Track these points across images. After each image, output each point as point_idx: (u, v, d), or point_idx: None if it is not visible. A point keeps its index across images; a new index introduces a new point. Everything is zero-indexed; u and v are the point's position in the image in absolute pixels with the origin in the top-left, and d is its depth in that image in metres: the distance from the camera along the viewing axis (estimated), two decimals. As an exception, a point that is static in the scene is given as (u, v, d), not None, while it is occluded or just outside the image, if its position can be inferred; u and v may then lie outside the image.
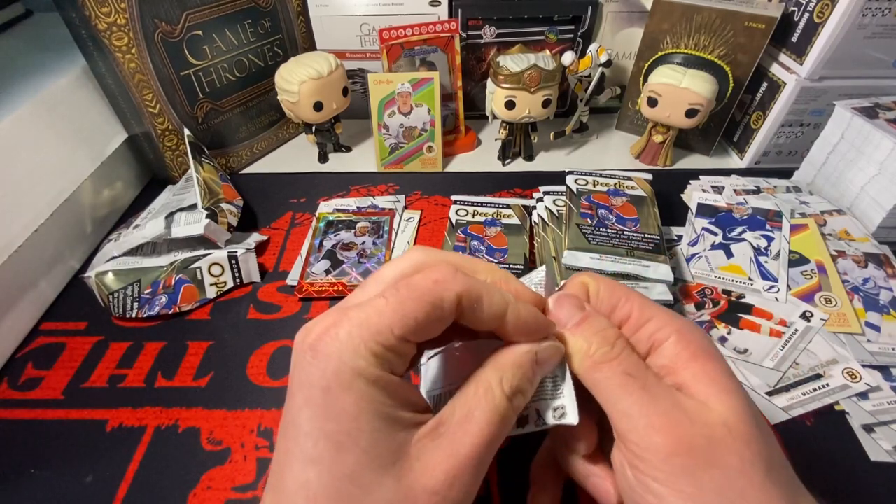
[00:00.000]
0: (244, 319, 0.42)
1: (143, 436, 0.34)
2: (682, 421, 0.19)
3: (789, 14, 0.51)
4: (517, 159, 0.60)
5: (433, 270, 0.20)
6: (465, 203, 0.51)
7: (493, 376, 0.21)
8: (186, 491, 0.31)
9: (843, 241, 0.45)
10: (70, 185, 0.46)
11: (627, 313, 0.23)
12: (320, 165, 0.60)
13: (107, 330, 0.41)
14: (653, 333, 0.22)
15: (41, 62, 0.49)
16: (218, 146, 0.56)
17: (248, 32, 0.54)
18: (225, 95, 0.55)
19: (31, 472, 0.32)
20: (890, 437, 0.32)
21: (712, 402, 0.19)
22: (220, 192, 0.48)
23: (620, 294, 0.24)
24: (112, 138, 0.51)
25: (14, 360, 0.39)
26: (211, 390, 0.36)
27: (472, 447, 0.19)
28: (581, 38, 0.60)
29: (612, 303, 0.24)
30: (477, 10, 0.58)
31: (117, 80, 0.46)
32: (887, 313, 0.39)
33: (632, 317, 0.23)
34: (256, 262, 0.44)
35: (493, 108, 0.55)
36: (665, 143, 0.56)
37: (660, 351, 0.22)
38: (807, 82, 0.50)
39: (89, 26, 0.43)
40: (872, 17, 0.45)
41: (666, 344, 0.21)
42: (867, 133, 0.46)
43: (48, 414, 0.35)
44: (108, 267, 0.42)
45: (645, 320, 0.22)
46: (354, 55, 0.61)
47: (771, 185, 0.52)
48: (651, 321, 0.22)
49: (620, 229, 0.43)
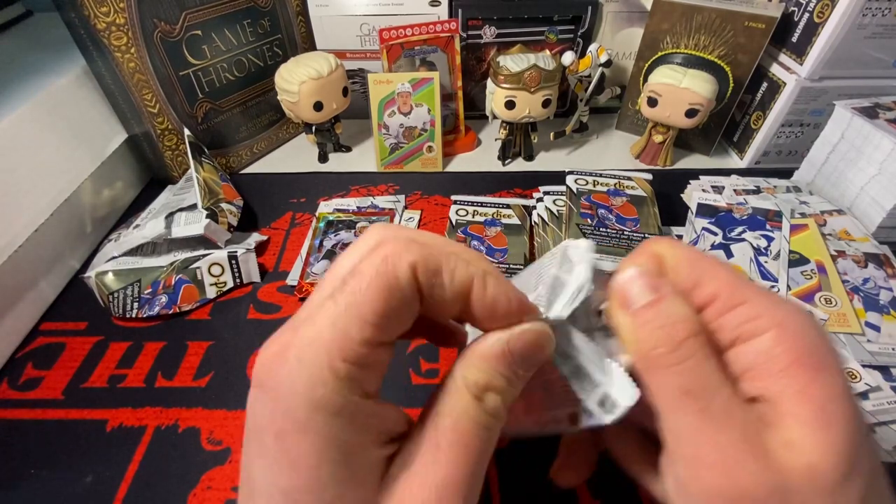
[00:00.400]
0: (244, 319, 0.42)
1: (143, 436, 0.34)
2: (744, 462, 0.15)
3: (789, 14, 0.51)
4: (517, 159, 0.60)
5: (381, 247, 0.16)
6: (465, 203, 0.51)
7: (458, 373, 0.17)
8: (186, 491, 0.31)
9: (843, 241, 0.45)
10: (70, 185, 0.46)
11: (713, 293, 0.18)
12: (320, 165, 0.60)
13: (107, 330, 0.41)
14: (744, 322, 0.17)
15: (41, 62, 0.49)
16: (218, 146, 0.56)
17: (247, 32, 0.54)
18: (224, 95, 0.55)
19: (31, 472, 0.32)
20: (890, 437, 0.32)
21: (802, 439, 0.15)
22: (220, 192, 0.48)
23: (706, 267, 0.18)
24: (112, 138, 0.51)
25: (14, 360, 0.39)
26: (211, 390, 0.36)
27: (447, 476, 0.15)
28: (581, 38, 0.60)
29: (693, 278, 0.18)
30: (477, 10, 0.58)
31: (117, 79, 0.46)
32: (887, 313, 0.39)
33: (719, 298, 0.18)
34: (256, 262, 0.44)
35: (493, 108, 0.55)
36: (665, 143, 0.56)
37: (750, 345, 0.17)
38: (807, 82, 0.50)
39: (88, 26, 0.43)
40: (872, 17, 0.45)
41: (761, 339, 0.16)
42: (867, 133, 0.46)
43: (48, 414, 0.35)
44: (108, 267, 0.42)
45: (736, 303, 0.17)
46: (354, 55, 0.61)
47: (771, 185, 0.52)
48: (744, 305, 0.17)
49: (620, 229, 0.43)
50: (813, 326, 0.16)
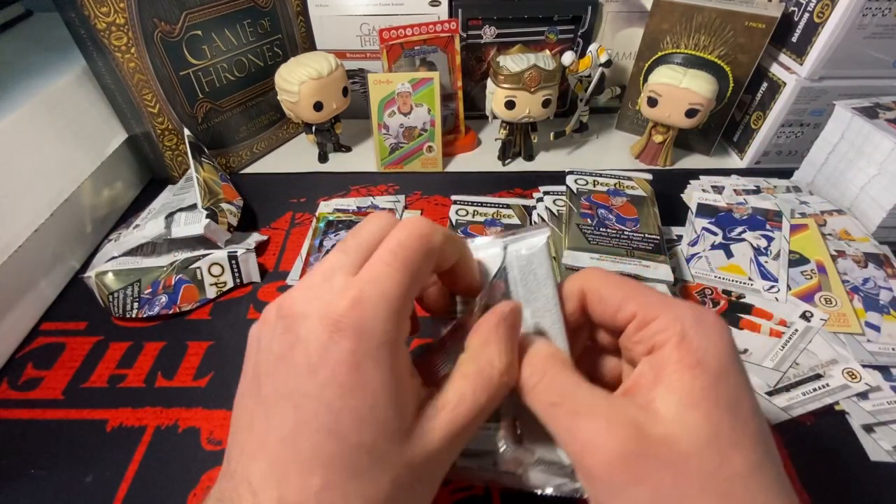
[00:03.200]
0: (244, 319, 0.42)
1: (143, 436, 0.34)
2: (615, 437, 0.18)
3: (789, 14, 0.51)
4: (517, 159, 0.60)
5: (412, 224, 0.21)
6: (465, 203, 0.51)
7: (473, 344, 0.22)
8: (186, 491, 0.31)
9: (843, 241, 0.45)
10: (70, 185, 0.46)
11: (633, 312, 0.21)
12: (320, 165, 0.60)
13: (107, 330, 0.41)
14: (655, 334, 0.20)
15: (41, 62, 0.49)
16: (218, 146, 0.56)
17: (247, 32, 0.54)
18: (224, 95, 0.55)
19: (31, 472, 0.32)
20: (890, 437, 0.32)
21: (667, 416, 0.18)
22: (220, 192, 0.48)
23: (626, 291, 0.22)
24: (112, 138, 0.51)
25: (14, 360, 0.39)
26: (211, 390, 0.36)
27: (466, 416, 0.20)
28: (581, 38, 0.60)
29: (616, 302, 0.22)
30: (477, 10, 0.58)
31: (117, 79, 0.46)
32: (887, 313, 0.39)
33: (636, 316, 0.21)
34: (256, 262, 0.44)
35: (493, 108, 0.55)
36: (665, 143, 0.56)
37: (657, 355, 0.20)
38: (807, 82, 0.50)
39: (88, 26, 0.43)
40: (872, 17, 0.45)
41: (665, 349, 0.19)
42: (867, 133, 0.46)
43: (48, 414, 0.35)
44: (108, 267, 0.42)
45: (650, 319, 0.20)
46: (354, 55, 0.61)
47: (771, 185, 0.52)
48: (656, 321, 0.20)
49: (620, 229, 0.43)
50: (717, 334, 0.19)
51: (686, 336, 0.19)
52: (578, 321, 0.24)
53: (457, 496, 0.30)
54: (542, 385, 0.20)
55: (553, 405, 0.20)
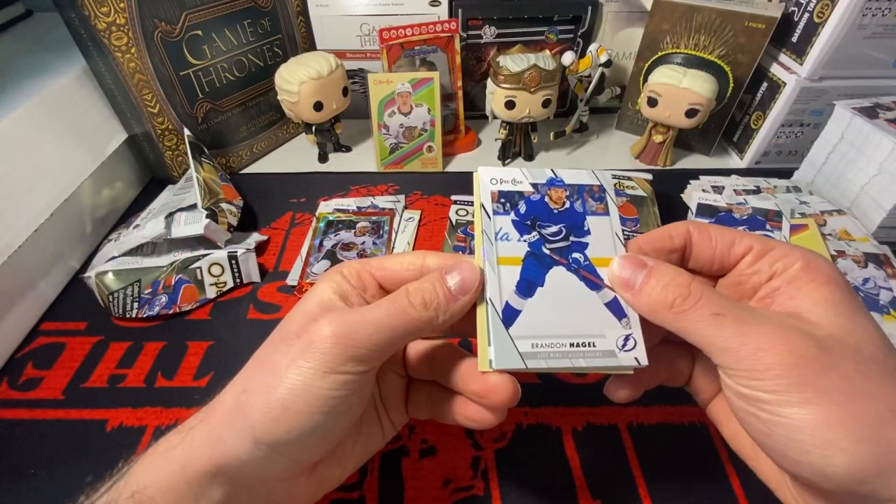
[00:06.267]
0: (244, 319, 0.42)
1: (143, 436, 0.34)
2: (789, 337, 0.19)
3: (789, 14, 0.51)
4: (517, 159, 0.60)
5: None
6: (466, 203, 0.51)
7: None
8: (186, 491, 0.31)
9: (843, 242, 0.45)
10: (70, 185, 0.46)
11: (748, 245, 0.23)
12: (320, 165, 0.60)
13: (107, 330, 0.41)
14: (776, 260, 0.22)
15: (41, 62, 0.49)
16: (218, 146, 0.56)
17: (247, 32, 0.54)
18: (224, 95, 0.55)
19: (31, 472, 0.32)
20: (890, 437, 0.32)
21: (823, 322, 0.20)
22: (220, 192, 0.48)
23: (734, 231, 0.24)
24: (112, 138, 0.51)
25: (14, 360, 0.39)
26: (211, 390, 0.36)
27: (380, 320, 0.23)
28: (581, 38, 0.60)
29: (728, 240, 0.24)
30: (477, 10, 0.58)
31: (117, 79, 0.46)
32: (887, 313, 0.39)
33: (752, 248, 0.23)
34: (256, 262, 0.44)
35: (493, 108, 0.55)
36: (665, 143, 0.56)
37: (785, 275, 0.22)
38: (807, 82, 0.50)
39: (88, 26, 0.43)
40: (872, 17, 0.45)
41: (791, 270, 0.22)
42: (867, 133, 0.46)
43: (48, 414, 0.35)
44: (108, 267, 0.42)
45: (767, 250, 0.23)
46: (354, 55, 0.61)
47: (771, 185, 0.52)
48: (774, 250, 0.22)
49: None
50: (828, 262, 0.22)
51: (809, 261, 0.22)
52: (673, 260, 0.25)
53: (457, 496, 0.31)
54: (704, 300, 0.21)
55: (717, 315, 0.21)
